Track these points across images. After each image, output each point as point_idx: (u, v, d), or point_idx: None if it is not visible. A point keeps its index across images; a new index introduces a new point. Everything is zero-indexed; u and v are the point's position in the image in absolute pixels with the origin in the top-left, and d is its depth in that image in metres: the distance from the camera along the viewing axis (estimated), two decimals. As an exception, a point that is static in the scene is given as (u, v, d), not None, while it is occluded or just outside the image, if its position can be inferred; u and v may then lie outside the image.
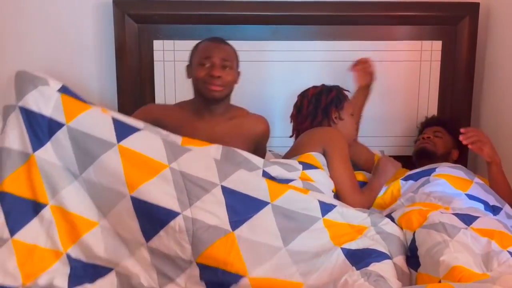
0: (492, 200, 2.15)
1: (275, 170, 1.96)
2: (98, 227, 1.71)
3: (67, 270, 1.67)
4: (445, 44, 2.82)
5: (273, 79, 2.81)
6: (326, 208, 1.85)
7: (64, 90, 1.76)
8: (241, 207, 1.74)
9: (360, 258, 1.72)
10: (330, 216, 1.85)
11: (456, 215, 1.87)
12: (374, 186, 2.29)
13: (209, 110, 2.21)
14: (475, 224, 1.82)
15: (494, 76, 2.77)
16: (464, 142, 2.17)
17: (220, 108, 2.22)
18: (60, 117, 1.70)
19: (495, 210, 2.11)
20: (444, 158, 2.57)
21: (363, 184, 2.36)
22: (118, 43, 2.66)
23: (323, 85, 2.45)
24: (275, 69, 2.80)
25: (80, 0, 2.69)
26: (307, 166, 2.07)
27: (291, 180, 1.96)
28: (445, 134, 2.63)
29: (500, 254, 1.67)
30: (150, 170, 1.71)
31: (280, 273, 1.69)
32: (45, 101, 1.71)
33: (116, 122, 1.74)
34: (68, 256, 1.68)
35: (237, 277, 1.66)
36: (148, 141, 1.76)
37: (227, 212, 1.72)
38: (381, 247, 1.78)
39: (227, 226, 1.70)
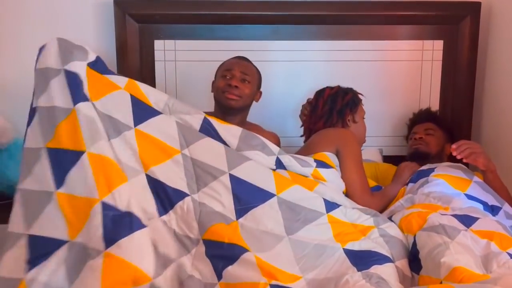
0: (491, 200, 2.15)
1: (289, 161, 2.01)
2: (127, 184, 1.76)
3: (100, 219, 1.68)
4: (447, 44, 2.81)
5: (273, 78, 2.80)
6: (330, 206, 1.90)
7: (94, 63, 1.88)
8: (247, 196, 1.80)
9: (361, 260, 1.73)
10: (334, 213, 1.88)
11: (455, 216, 1.87)
12: (387, 191, 2.31)
13: (225, 120, 2.24)
14: (474, 226, 1.82)
15: (496, 75, 2.76)
16: (458, 157, 2.16)
17: (236, 119, 2.32)
18: (87, 93, 1.82)
19: (494, 210, 2.10)
20: (439, 155, 2.58)
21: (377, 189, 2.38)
22: (119, 43, 2.66)
23: (338, 86, 2.46)
24: (276, 69, 2.80)
25: (80, 0, 2.69)
26: (321, 164, 2.09)
27: (302, 175, 2.01)
28: (437, 129, 2.62)
29: (500, 255, 1.66)
30: (163, 154, 1.82)
31: (282, 264, 1.70)
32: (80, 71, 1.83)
33: (134, 107, 1.86)
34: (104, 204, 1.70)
35: (242, 250, 1.68)
36: (163, 126, 1.86)
37: (232, 200, 1.78)
38: (384, 251, 1.79)
39: (232, 215, 1.76)
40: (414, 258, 1.80)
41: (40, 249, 1.63)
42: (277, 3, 2.71)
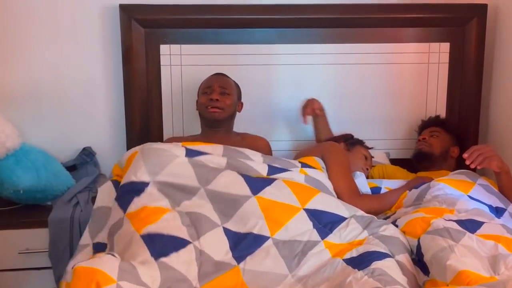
0: (496, 202, 2.14)
1: (276, 163, 2.11)
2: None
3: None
4: (453, 46, 2.80)
5: (280, 82, 2.80)
6: (324, 232, 1.90)
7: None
8: (243, 244, 1.83)
9: (361, 261, 1.73)
10: (329, 239, 1.88)
11: (459, 222, 1.86)
12: (385, 194, 2.33)
13: (213, 132, 2.46)
14: (479, 232, 1.81)
15: (503, 77, 2.75)
16: (472, 166, 2.14)
17: (222, 130, 2.46)
18: None
19: (498, 211, 2.09)
20: (443, 157, 2.57)
21: None
22: (125, 48, 2.66)
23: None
24: (282, 73, 2.79)
25: (86, 5, 2.69)
26: (306, 165, 2.17)
27: (289, 171, 2.09)
28: (442, 132, 2.63)
29: (508, 257, 1.65)
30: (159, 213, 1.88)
31: None
32: None
33: None
34: None
35: None
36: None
37: (229, 248, 1.82)
38: (381, 249, 1.79)
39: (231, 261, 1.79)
40: (419, 262, 1.79)
41: None
42: (283, 7, 2.70)
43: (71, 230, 2.31)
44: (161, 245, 1.72)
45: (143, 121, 2.75)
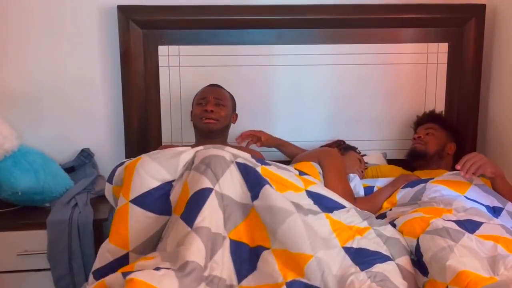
0: (493, 201, 2.14)
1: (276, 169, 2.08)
2: None
3: None
4: (452, 46, 2.80)
5: (278, 83, 2.80)
6: (324, 209, 1.90)
7: None
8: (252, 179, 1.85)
9: (363, 258, 1.73)
10: (330, 214, 1.89)
11: (458, 223, 1.86)
12: (375, 194, 2.37)
13: (208, 142, 2.35)
14: (478, 232, 1.81)
15: (501, 78, 2.75)
16: (467, 176, 2.13)
17: (216, 142, 2.38)
18: None
19: (496, 211, 2.10)
20: (439, 155, 2.57)
21: None
22: (123, 49, 2.66)
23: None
24: (281, 73, 2.79)
25: (84, 6, 2.69)
26: (302, 173, 2.16)
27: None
28: (438, 129, 2.62)
29: (507, 258, 1.65)
30: None
31: (293, 243, 1.72)
32: None
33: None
34: None
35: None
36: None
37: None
38: (383, 250, 1.79)
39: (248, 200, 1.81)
40: (418, 262, 1.78)
41: None
42: (281, 8, 2.70)
43: (69, 232, 2.31)
44: (190, 210, 1.72)
45: (141, 122, 2.75)
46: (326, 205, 1.93)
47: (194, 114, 2.49)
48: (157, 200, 1.82)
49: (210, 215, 1.72)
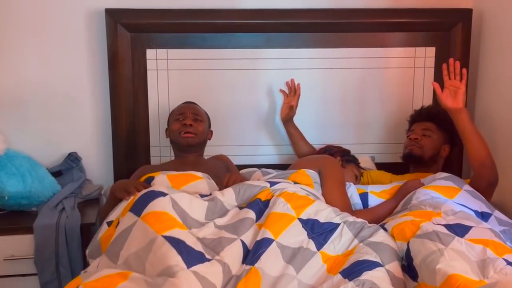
0: (481, 206, 2.15)
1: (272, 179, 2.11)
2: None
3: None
4: (439, 50, 2.82)
5: (266, 87, 2.80)
6: (319, 243, 1.89)
7: None
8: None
9: (351, 271, 1.73)
10: (324, 250, 1.88)
11: (448, 226, 1.87)
12: (378, 207, 2.32)
13: (186, 156, 2.49)
14: (468, 236, 1.82)
15: (488, 81, 2.77)
16: (448, 83, 2.32)
17: (193, 156, 2.49)
18: None
19: (484, 216, 2.11)
20: (433, 159, 2.58)
21: None
22: (111, 52, 2.65)
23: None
24: (269, 77, 2.80)
25: (72, 9, 2.67)
26: (296, 183, 2.16)
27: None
28: (435, 131, 2.62)
29: (496, 261, 1.65)
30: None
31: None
32: None
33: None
34: None
35: None
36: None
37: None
38: (372, 257, 1.78)
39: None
40: (408, 266, 1.79)
41: None
42: (269, 12, 2.70)
43: (56, 236, 2.29)
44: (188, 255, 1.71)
45: (129, 125, 2.74)
46: (319, 232, 1.91)
47: (171, 130, 2.50)
48: None
49: None
